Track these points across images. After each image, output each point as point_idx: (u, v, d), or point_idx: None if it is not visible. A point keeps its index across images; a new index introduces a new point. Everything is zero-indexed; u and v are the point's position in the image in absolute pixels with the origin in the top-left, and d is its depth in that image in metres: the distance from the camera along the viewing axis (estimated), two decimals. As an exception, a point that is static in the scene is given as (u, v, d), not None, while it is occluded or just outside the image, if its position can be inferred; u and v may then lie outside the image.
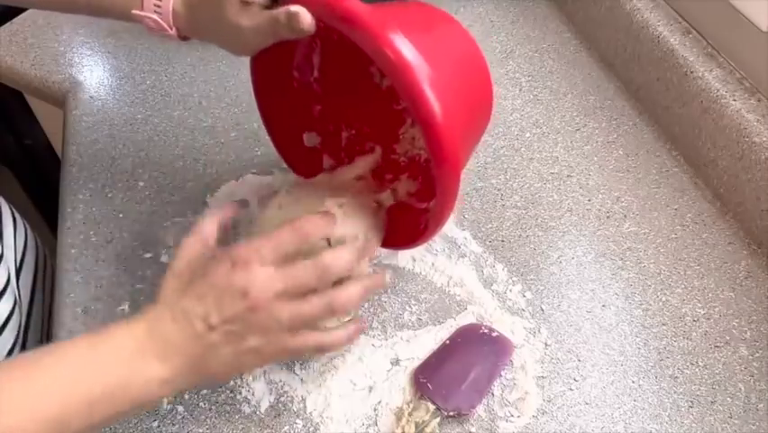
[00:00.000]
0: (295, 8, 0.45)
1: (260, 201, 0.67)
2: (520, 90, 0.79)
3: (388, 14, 0.48)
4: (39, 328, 0.70)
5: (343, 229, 0.52)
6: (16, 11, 0.87)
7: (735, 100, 0.65)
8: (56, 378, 0.41)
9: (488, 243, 0.65)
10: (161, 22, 0.52)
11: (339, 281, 0.47)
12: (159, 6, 0.52)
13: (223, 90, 0.78)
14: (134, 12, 0.52)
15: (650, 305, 0.61)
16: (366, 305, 0.60)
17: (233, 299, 0.43)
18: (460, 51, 0.54)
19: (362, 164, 0.61)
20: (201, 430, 0.53)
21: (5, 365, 0.43)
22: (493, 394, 0.55)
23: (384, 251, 0.63)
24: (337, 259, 0.46)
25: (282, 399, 0.55)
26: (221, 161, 0.72)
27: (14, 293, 0.65)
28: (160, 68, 0.81)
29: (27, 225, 0.75)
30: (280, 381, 0.56)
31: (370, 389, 0.55)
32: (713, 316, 0.60)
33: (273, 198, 0.58)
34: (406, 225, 0.57)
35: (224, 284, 0.43)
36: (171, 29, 0.53)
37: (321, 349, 0.52)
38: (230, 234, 0.64)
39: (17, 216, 0.73)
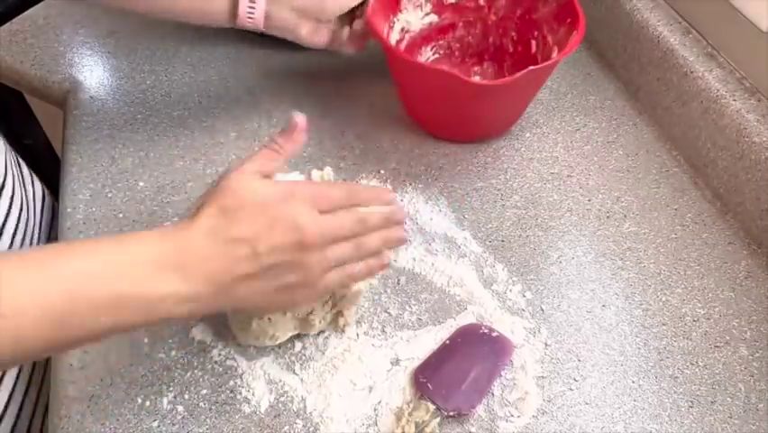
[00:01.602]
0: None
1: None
2: (520, 90, 0.79)
3: None
4: None
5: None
6: (16, 11, 0.87)
7: (735, 100, 0.65)
8: (72, 270, 0.39)
9: (488, 243, 0.65)
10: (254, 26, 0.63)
11: None
12: (251, 15, 0.62)
13: (223, 90, 0.78)
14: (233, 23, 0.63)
15: (650, 305, 0.61)
16: (366, 304, 0.60)
17: (286, 229, 0.42)
18: None
19: None
20: (201, 430, 0.53)
21: (19, 252, 0.41)
22: (493, 394, 0.55)
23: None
24: (373, 214, 0.48)
25: (282, 399, 0.55)
26: (221, 161, 0.72)
27: None
28: (159, 68, 0.81)
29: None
30: (280, 381, 0.56)
31: (370, 389, 0.55)
32: (713, 316, 0.60)
33: None
34: None
35: (278, 213, 0.43)
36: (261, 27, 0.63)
37: (348, 280, 0.49)
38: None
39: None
